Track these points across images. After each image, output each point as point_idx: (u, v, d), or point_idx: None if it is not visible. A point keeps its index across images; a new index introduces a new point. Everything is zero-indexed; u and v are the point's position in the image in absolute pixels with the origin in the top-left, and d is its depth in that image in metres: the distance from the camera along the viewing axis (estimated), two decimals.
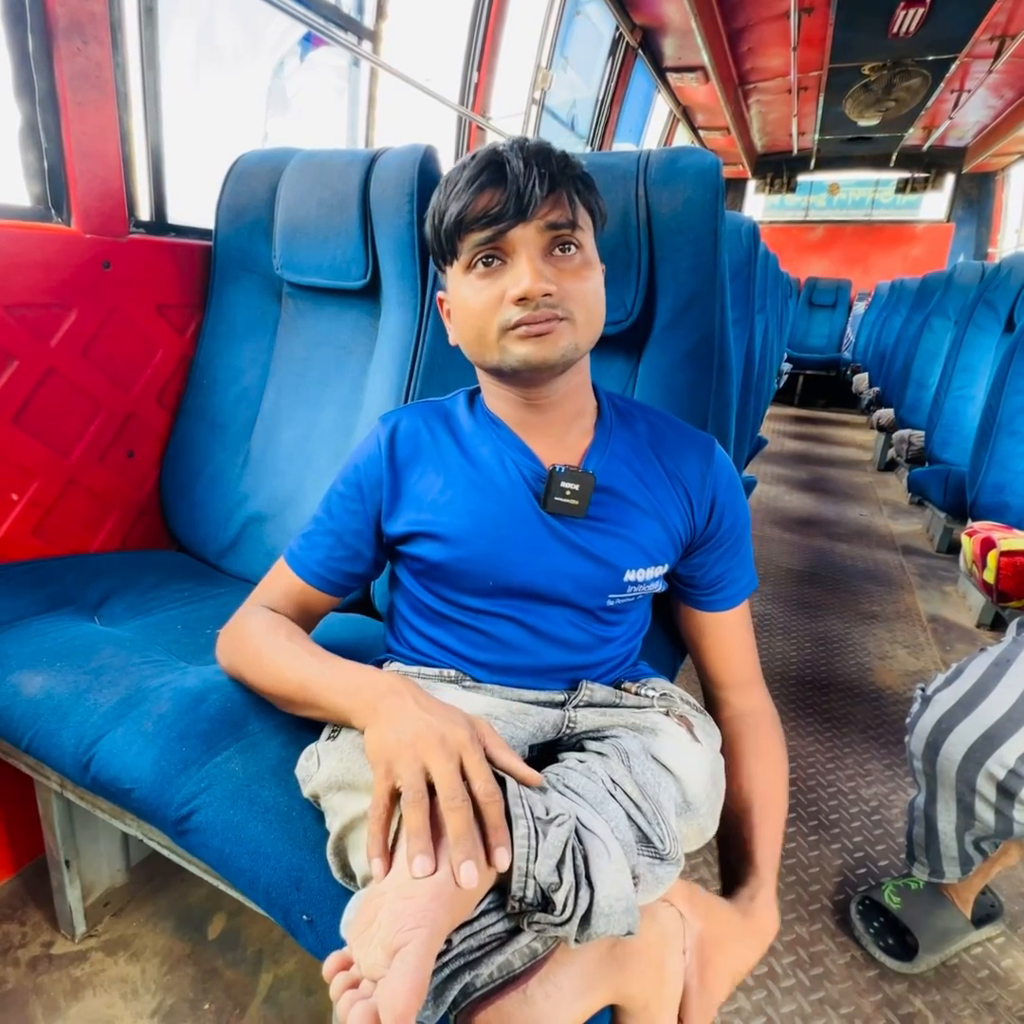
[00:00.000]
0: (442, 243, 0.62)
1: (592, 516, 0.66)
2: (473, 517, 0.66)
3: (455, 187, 0.59)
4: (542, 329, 0.58)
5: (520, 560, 0.66)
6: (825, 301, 6.73)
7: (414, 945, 0.40)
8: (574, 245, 0.60)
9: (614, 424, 0.71)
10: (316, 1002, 0.95)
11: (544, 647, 0.69)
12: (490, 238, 0.58)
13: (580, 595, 0.67)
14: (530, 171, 0.57)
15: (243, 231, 1.21)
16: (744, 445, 2.15)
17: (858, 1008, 0.97)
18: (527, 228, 0.57)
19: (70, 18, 0.97)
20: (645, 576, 0.68)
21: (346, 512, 0.71)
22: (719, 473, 0.71)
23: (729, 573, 0.74)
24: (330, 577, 0.72)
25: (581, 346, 0.61)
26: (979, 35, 3.87)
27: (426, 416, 0.72)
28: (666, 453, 0.70)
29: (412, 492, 0.69)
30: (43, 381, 1.03)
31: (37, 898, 1.07)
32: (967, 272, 3.23)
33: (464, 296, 0.61)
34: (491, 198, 0.57)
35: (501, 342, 0.59)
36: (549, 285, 0.57)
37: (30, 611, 0.91)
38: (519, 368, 0.60)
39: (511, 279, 0.58)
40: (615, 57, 3.84)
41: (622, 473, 0.68)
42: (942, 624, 2.21)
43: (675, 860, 0.55)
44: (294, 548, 0.74)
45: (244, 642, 0.70)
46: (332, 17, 1.73)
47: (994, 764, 0.84)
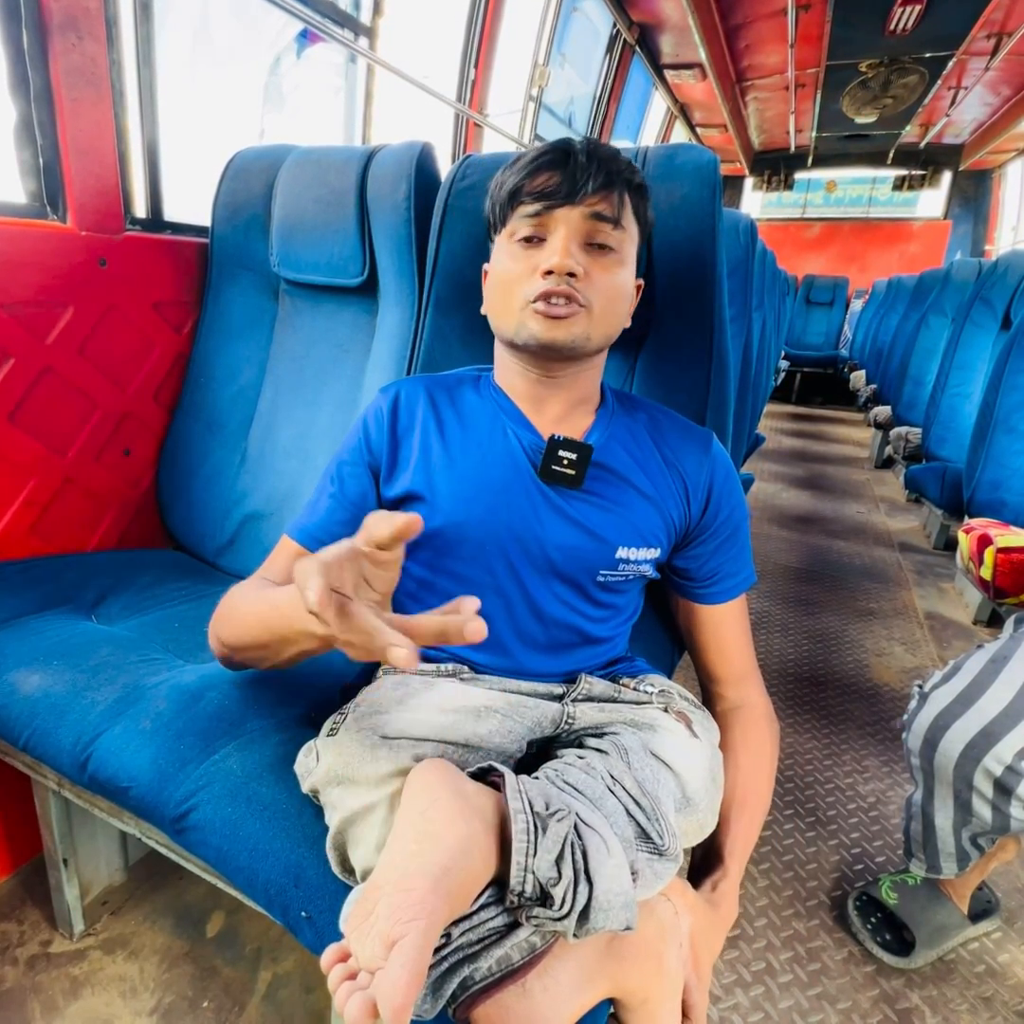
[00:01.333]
0: (495, 211, 0.66)
1: (588, 490, 0.68)
2: (468, 483, 0.68)
3: (519, 162, 0.64)
4: (559, 312, 0.61)
5: (513, 527, 0.67)
6: (822, 299, 6.74)
7: (412, 937, 0.40)
8: (611, 248, 0.63)
9: (616, 411, 0.73)
10: (315, 1000, 0.95)
11: (531, 622, 0.70)
12: (537, 212, 0.62)
13: (571, 566, 0.69)
14: (591, 164, 0.61)
15: (240, 228, 1.21)
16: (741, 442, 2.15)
17: (855, 1003, 0.98)
18: (572, 211, 0.61)
19: (65, 14, 0.96)
20: (637, 556, 0.70)
21: (349, 475, 0.72)
22: (716, 465, 0.72)
23: (725, 566, 0.75)
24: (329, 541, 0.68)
25: (593, 337, 0.64)
26: (976, 32, 3.87)
27: (428, 385, 0.74)
28: (665, 442, 0.72)
29: (409, 456, 0.70)
30: (39, 379, 1.03)
31: (35, 897, 1.07)
32: (964, 269, 3.24)
33: (501, 261, 0.65)
34: (548, 178, 0.61)
35: (521, 314, 0.62)
36: (577, 266, 0.60)
37: (27, 610, 0.91)
38: (530, 343, 0.63)
39: (546, 254, 0.62)
40: (612, 54, 3.84)
41: (620, 455, 0.70)
42: (939, 621, 2.21)
43: (674, 856, 0.55)
44: (296, 520, 0.75)
45: (222, 608, 0.69)
46: (329, 13, 1.73)
47: (991, 760, 0.85)
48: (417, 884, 0.43)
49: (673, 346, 0.89)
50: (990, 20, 3.73)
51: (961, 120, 5.67)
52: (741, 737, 0.75)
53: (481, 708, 0.62)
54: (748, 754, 0.74)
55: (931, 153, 6.56)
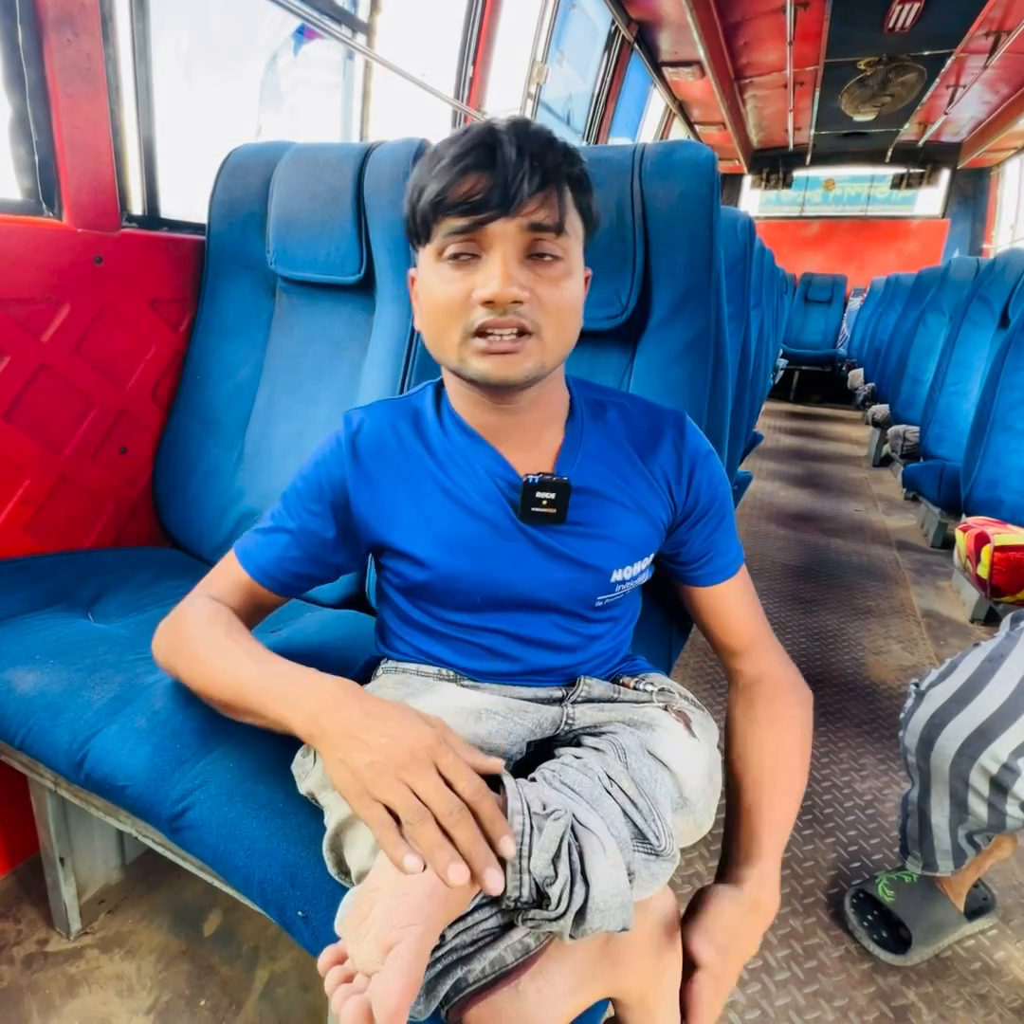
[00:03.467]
0: (416, 222, 0.57)
1: (572, 520, 0.64)
2: (452, 536, 0.64)
3: (439, 163, 0.53)
4: (505, 347, 0.54)
5: (504, 574, 0.64)
6: (820, 297, 6.74)
7: (408, 942, 0.40)
8: (556, 257, 0.55)
9: (585, 420, 0.68)
10: (312, 998, 0.95)
11: (534, 652, 0.68)
12: (466, 228, 0.53)
13: (568, 601, 0.66)
14: (522, 161, 0.52)
15: (236, 225, 1.20)
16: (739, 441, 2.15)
17: (852, 1001, 0.98)
18: (508, 224, 0.52)
19: (60, 9, 0.96)
20: (632, 572, 0.68)
21: (305, 512, 0.67)
22: (693, 448, 0.68)
23: (716, 545, 0.71)
24: (281, 577, 0.68)
25: (548, 364, 0.57)
26: (975, 30, 3.87)
27: (393, 418, 0.68)
28: (639, 440, 0.68)
29: (384, 504, 0.66)
30: (35, 377, 1.03)
31: (32, 896, 1.06)
32: (962, 268, 3.24)
33: (431, 285, 0.56)
34: (475, 184, 0.52)
35: (461, 350, 0.55)
36: (521, 292, 0.53)
37: (23, 608, 0.90)
38: (477, 381, 0.57)
39: (482, 278, 0.53)
40: (611, 51, 3.83)
41: (597, 470, 0.66)
42: (936, 619, 2.22)
43: (670, 856, 0.55)
44: (248, 543, 0.70)
45: (182, 637, 0.66)
46: (326, 10, 1.72)
47: (987, 759, 0.85)
48: (414, 888, 0.43)
49: (671, 344, 0.89)
50: (989, 18, 3.73)
51: (959, 118, 5.67)
52: (765, 712, 0.70)
53: (481, 710, 0.62)
54: (773, 729, 0.69)
55: (929, 151, 6.57)
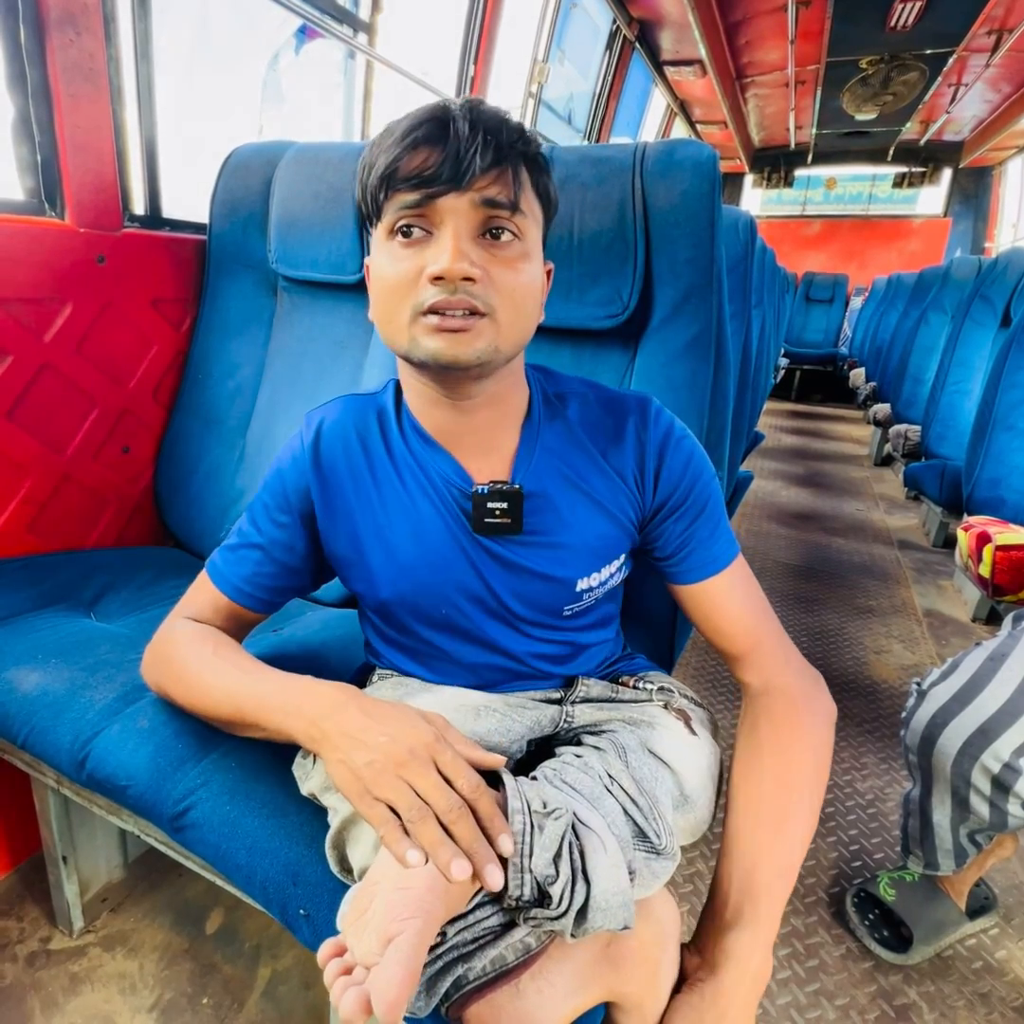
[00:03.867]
0: (367, 201, 0.54)
1: (529, 529, 0.61)
2: (408, 549, 0.62)
3: (390, 138, 0.51)
4: (456, 325, 0.50)
5: (462, 586, 0.62)
6: (822, 296, 6.73)
7: (408, 935, 0.40)
8: (511, 232, 0.52)
9: (542, 420, 0.64)
10: (314, 996, 0.95)
11: (513, 662, 0.67)
12: (417, 202, 0.50)
13: (531, 611, 0.64)
14: (475, 136, 0.49)
15: (238, 225, 1.20)
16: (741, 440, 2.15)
17: (853, 999, 0.98)
18: (460, 199, 0.50)
19: (62, 9, 0.96)
20: (600, 579, 0.65)
21: (273, 524, 0.65)
22: (659, 434, 0.63)
23: (696, 538, 0.64)
24: (259, 594, 0.66)
25: (502, 348, 0.53)
26: (977, 29, 3.86)
27: (356, 417, 0.65)
28: (600, 434, 0.63)
29: (345, 510, 0.63)
30: (37, 376, 1.03)
31: (35, 894, 1.07)
32: (964, 267, 3.23)
33: (381, 265, 0.54)
34: (426, 157, 0.50)
35: (411, 329, 0.52)
36: (472, 269, 0.50)
37: (25, 607, 0.91)
38: (428, 363, 0.52)
39: (432, 254, 0.51)
40: (612, 50, 3.83)
41: (555, 474, 0.62)
42: (938, 618, 2.21)
43: (671, 855, 0.55)
44: (217, 562, 0.67)
45: (169, 660, 0.65)
46: (328, 9, 1.72)
47: (989, 758, 0.85)
48: (414, 882, 0.43)
49: (673, 343, 0.89)
50: (991, 16, 3.72)
51: (961, 117, 5.66)
52: (769, 735, 0.63)
53: (480, 707, 0.62)
54: (779, 758, 0.61)
55: (931, 150, 6.55)
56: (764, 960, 0.56)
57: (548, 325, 0.93)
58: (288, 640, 0.89)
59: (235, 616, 0.68)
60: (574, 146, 0.95)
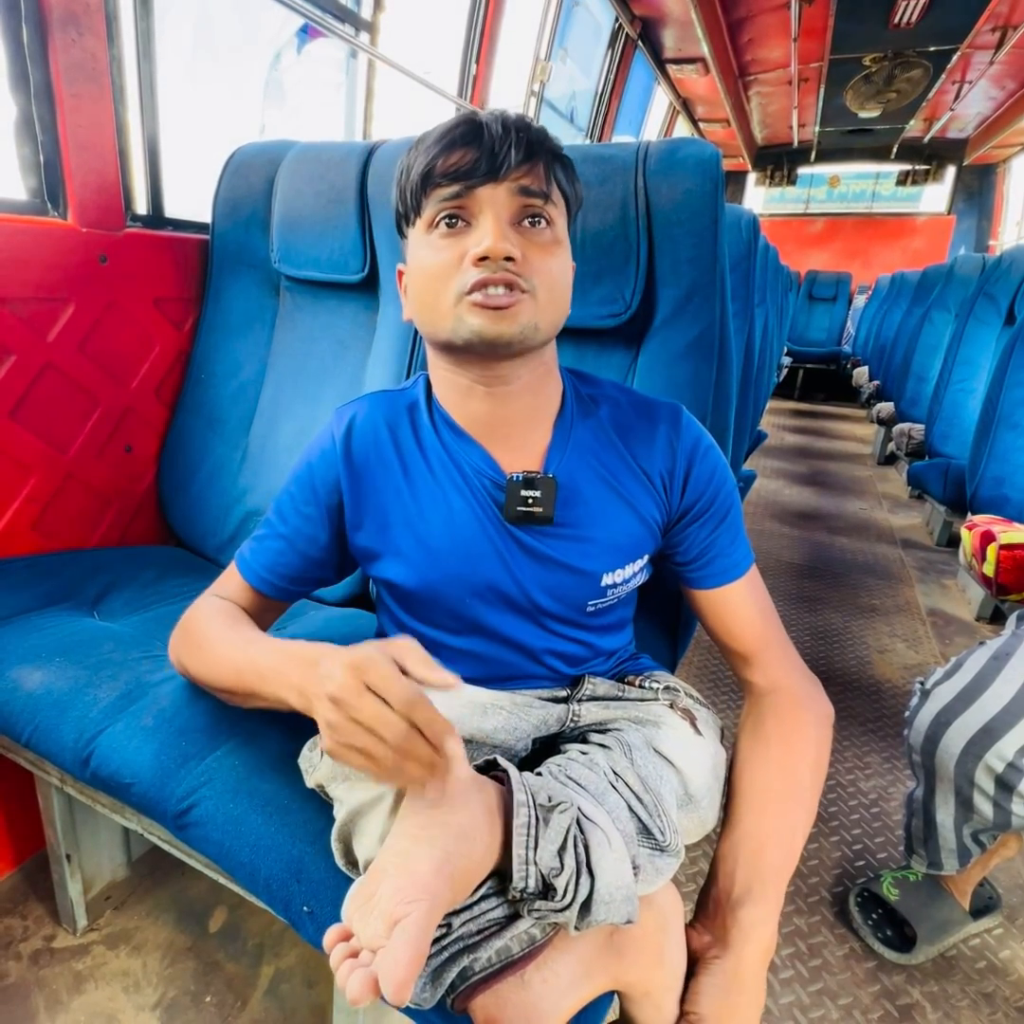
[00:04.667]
0: (407, 200, 0.57)
1: (560, 522, 0.62)
2: (439, 538, 0.63)
3: (426, 143, 0.55)
4: (500, 302, 0.53)
5: (490, 577, 0.63)
6: (825, 294, 6.71)
7: (414, 917, 0.41)
8: (545, 220, 0.56)
9: (575, 415, 0.65)
10: (317, 994, 0.95)
11: (531, 660, 0.67)
12: (456, 193, 0.54)
13: (557, 606, 0.65)
14: (508, 135, 0.54)
15: (240, 224, 1.20)
16: (744, 439, 2.15)
17: (856, 999, 0.98)
18: (497, 189, 0.54)
19: (65, 9, 0.96)
20: (624, 575, 0.65)
21: (298, 515, 0.66)
22: (690, 442, 0.65)
23: (717, 545, 0.67)
24: (279, 583, 0.68)
25: (542, 327, 0.56)
26: (981, 25, 3.84)
27: (386, 411, 0.66)
28: (632, 436, 0.65)
29: (376, 502, 0.64)
30: (40, 376, 1.03)
31: (38, 892, 1.07)
32: (967, 265, 3.22)
33: (422, 257, 0.56)
34: (463, 155, 0.54)
35: (456, 309, 0.54)
36: (514, 249, 0.53)
37: (29, 606, 0.91)
38: (472, 341, 0.54)
39: (474, 239, 0.54)
40: (614, 49, 3.82)
41: (587, 469, 0.64)
42: (941, 617, 2.21)
43: (675, 852, 0.55)
44: (245, 551, 0.70)
45: (190, 632, 0.67)
46: (329, 8, 1.72)
47: (993, 757, 0.84)
48: (420, 868, 0.44)
49: (675, 342, 0.89)
50: (995, 13, 3.70)
51: (965, 114, 5.64)
52: (775, 727, 0.66)
53: (487, 704, 0.62)
54: (784, 747, 0.65)
55: (935, 148, 6.53)
56: (772, 933, 0.60)
57: None
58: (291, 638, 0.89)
59: (258, 603, 0.70)
60: (576, 145, 0.94)
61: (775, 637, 0.70)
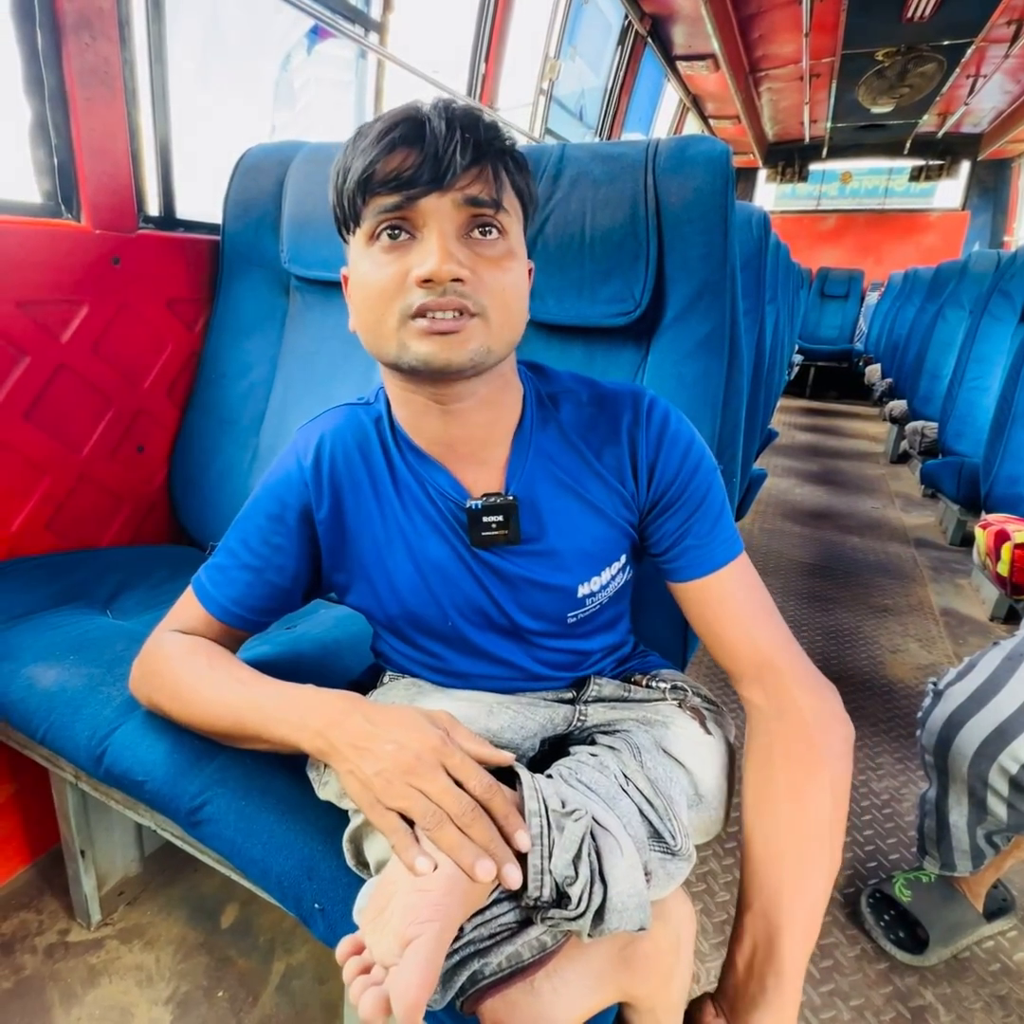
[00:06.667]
0: (344, 207, 0.52)
1: (528, 538, 0.60)
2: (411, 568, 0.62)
3: (364, 141, 0.50)
4: (448, 327, 0.49)
5: (466, 601, 0.62)
6: (837, 292, 6.66)
7: (426, 938, 0.41)
8: (497, 229, 0.51)
9: (535, 424, 0.62)
10: (328, 991, 0.95)
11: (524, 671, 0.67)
12: (398, 205, 0.49)
13: (539, 623, 0.64)
14: (452, 134, 0.48)
15: (250, 225, 1.21)
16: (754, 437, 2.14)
17: (868, 1000, 0.97)
18: (442, 199, 0.49)
19: (78, 14, 0.97)
20: (601, 582, 0.64)
21: (267, 546, 0.63)
22: (654, 429, 0.61)
23: (692, 533, 0.61)
24: (248, 616, 0.65)
25: (495, 349, 0.52)
26: (996, 19, 3.79)
27: (355, 430, 0.63)
28: (593, 435, 0.62)
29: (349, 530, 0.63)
30: (54, 377, 1.04)
31: (53, 887, 1.08)
32: (982, 261, 3.18)
33: (363, 272, 0.52)
34: (404, 158, 0.48)
35: (400, 334, 0.50)
36: (461, 269, 0.48)
37: (43, 605, 0.92)
38: (419, 368, 0.51)
39: (418, 257, 0.49)
40: (624, 46, 3.81)
41: (549, 479, 0.61)
42: (955, 617, 2.19)
43: (687, 856, 0.55)
44: (205, 582, 0.66)
45: (161, 675, 0.64)
46: (339, 9, 1.73)
47: (1007, 758, 0.84)
48: (433, 885, 0.44)
49: (686, 340, 0.88)
50: (1010, 6, 3.66)
51: (980, 109, 5.57)
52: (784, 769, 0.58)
53: (493, 704, 0.62)
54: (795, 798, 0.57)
55: (949, 143, 6.46)
56: None
57: (560, 323, 0.93)
58: (301, 637, 0.89)
59: (223, 633, 0.66)
60: (585, 143, 0.94)
61: (777, 648, 0.61)
